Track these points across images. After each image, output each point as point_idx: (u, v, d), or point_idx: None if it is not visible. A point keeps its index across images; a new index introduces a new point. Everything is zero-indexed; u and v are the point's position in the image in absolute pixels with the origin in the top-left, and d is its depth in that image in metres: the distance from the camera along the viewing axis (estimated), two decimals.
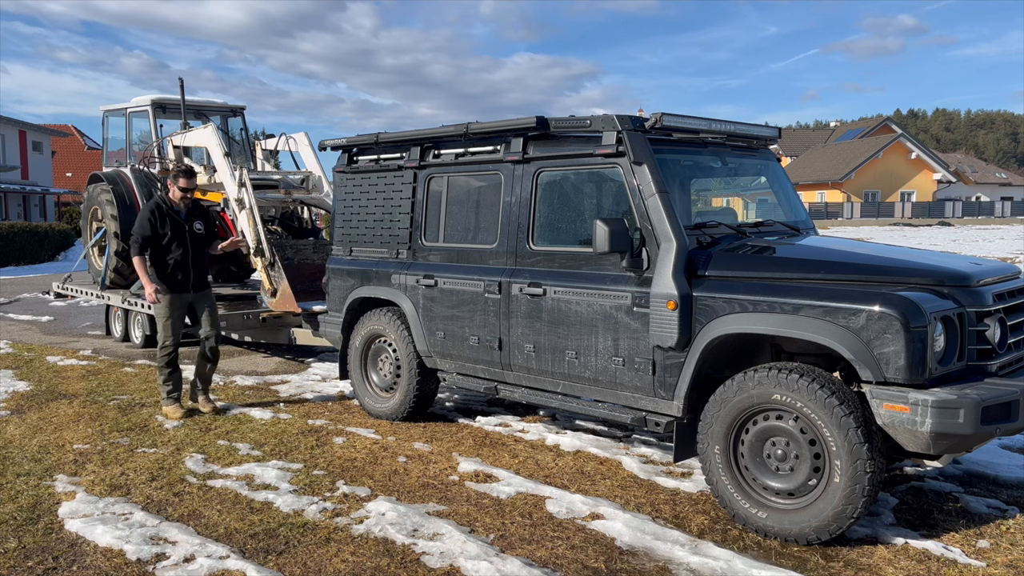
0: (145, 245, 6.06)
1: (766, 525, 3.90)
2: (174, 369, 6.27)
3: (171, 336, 6.18)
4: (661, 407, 4.40)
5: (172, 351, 6.21)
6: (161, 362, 6.22)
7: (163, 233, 6.05)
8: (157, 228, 6.04)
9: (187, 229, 6.16)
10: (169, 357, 6.22)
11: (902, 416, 3.51)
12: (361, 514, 4.26)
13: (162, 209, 6.10)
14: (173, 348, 6.21)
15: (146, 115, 10.27)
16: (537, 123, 4.89)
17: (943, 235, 33.25)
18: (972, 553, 3.77)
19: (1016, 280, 4.24)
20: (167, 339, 6.18)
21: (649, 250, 4.36)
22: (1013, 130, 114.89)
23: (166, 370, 6.24)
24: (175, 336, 6.21)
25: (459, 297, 5.40)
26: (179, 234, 6.10)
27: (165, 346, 6.20)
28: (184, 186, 6.16)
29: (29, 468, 5.08)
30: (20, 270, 23.31)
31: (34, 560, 3.77)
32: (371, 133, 6.18)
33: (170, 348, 6.19)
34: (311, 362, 8.65)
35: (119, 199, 9.99)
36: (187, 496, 4.56)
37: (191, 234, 6.18)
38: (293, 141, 9.73)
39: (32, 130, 38.15)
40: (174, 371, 6.27)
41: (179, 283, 6.14)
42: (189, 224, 6.19)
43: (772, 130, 5.44)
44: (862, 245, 4.77)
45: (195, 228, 6.23)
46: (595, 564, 3.69)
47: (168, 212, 6.11)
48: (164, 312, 6.14)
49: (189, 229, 6.17)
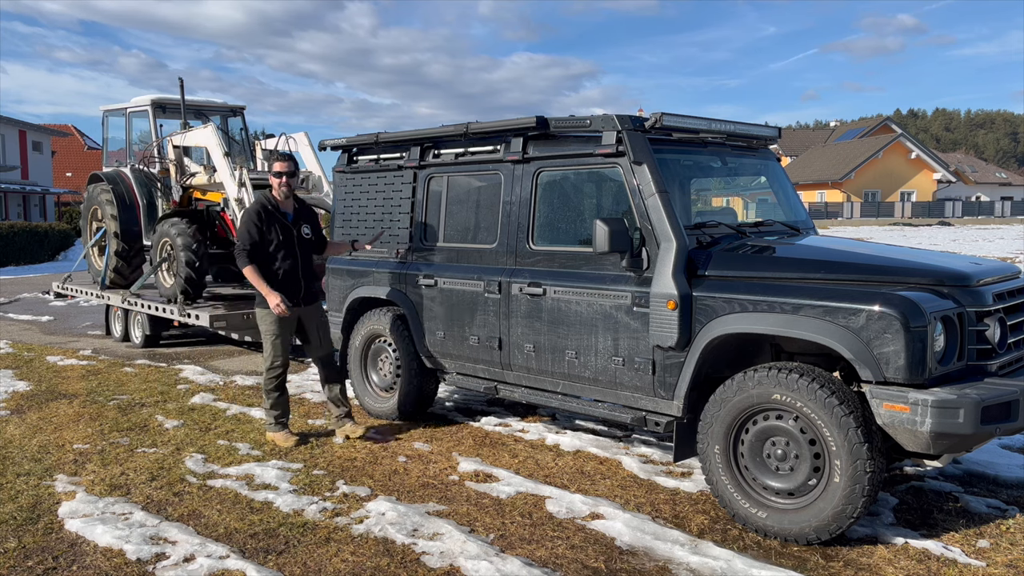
0: (253, 253, 5.29)
1: (766, 525, 3.90)
2: (282, 392, 5.55)
3: (280, 356, 5.44)
4: (661, 407, 4.39)
5: (281, 372, 5.47)
6: (268, 384, 5.48)
7: (269, 239, 5.29)
8: (263, 233, 5.29)
9: (295, 234, 5.40)
10: (278, 380, 5.48)
11: (902, 416, 3.51)
12: (361, 514, 4.26)
13: (268, 210, 5.33)
14: (282, 369, 5.48)
15: (146, 115, 10.28)
16: (537, 123, 4.89)
17: (943, 235, 33.24)
18: (972, 553, 3.77)
19: (1016, 280, 4.23)
20: (276, 358, 5.43)
21: (649, 250, 4.36)
22: (1013, 130, 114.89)
23: (274, 394, 5.51)
24: (285, 356, 5.46)
25: (459, 297, 5.39)
26: (287, 240, 5.35)
27: (274, 367, 5.44)
28: (280, 170, 5.33)
29: (29, 468, 5.08)
30: (20, 270, 23.31)
31: (34, 560, 3.77)
32: (371, 133, 6.18)
33: (279, 369, 5.45)
34: (311, 362, 8.64)
35: (119, 199, 10.00)
36: (187, 496, 4.56)
37: (299, 240, 5.42)
38: (293, 141, 9.72)
39: (32, 130, 38.14)
40: (282, 394, 5.55)
41: (288, 297, 5.35)
42: (297, 228, 5.42)
43: (772, 130, 5.44)
44: (862, 245, 4.77)
45: (303, 233, 5.45)
46: (595, 564, 3.69)
47: (274, 214, 5.34)
48: (273, 328, 5.38)
49: (297, 234, 5.41)
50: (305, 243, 5.46)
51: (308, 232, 5.49)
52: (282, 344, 5.43)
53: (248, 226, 5.28)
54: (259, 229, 5.28)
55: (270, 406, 5.53)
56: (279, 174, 5.34)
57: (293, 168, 5.41)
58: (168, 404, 6.69)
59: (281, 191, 5.35)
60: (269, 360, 5.45)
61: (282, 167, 5.36)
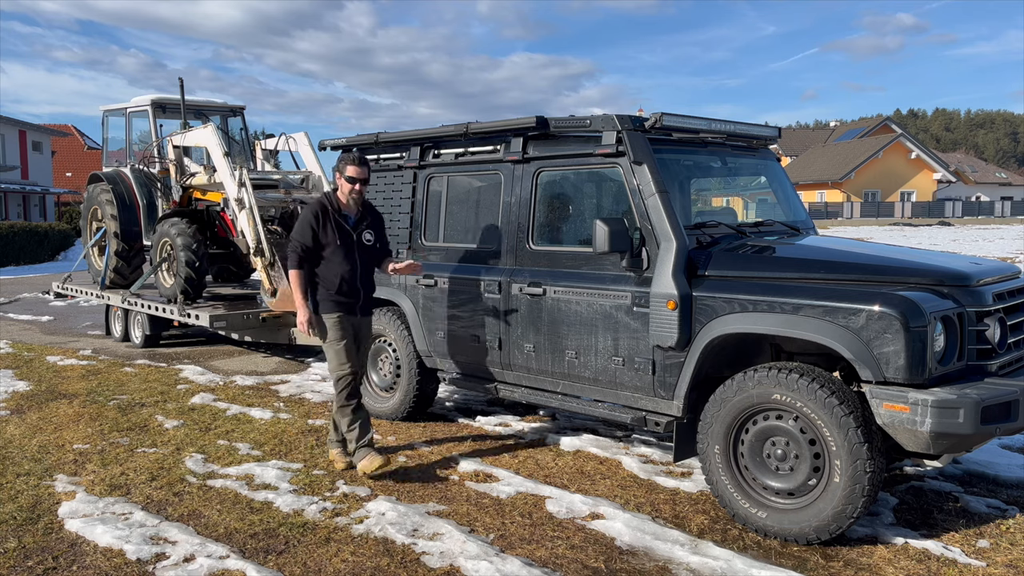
0: (305, 257, 4.85)
1: (766, 525, 3.90)
2: (358, 401, 4.92)
3: (347, 360, 4.86)
4: (661, 407, 4.39)
5: (352, 378, 4.89)
6: (341, 395, 4.89)
7: (325, 243, 4.83)
8: (319, 236, 4.84)
9: (355, 239, 4.90)
10: (351, 387, 4.89)
11: (902, 416, 3.51)
12: (361, 514, 4.27)
13: (327, 212, 4.86)
14: (352, 375, 4.88)
15: (146, 115, 10.28)
16: (537, 123, 4.89)
17: (943, 235, 33.24)
18: (972, 553, 3.77)
19: (1016, 280, 4.24)
20: (343, 364, 4.86)
21: (649, 250, 4.36)
22: (1013, 130, 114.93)
23: (349, 405, 4.88)
24: (353, 360, 4.89)
25: (459, 297, 5.40)
26: (346, 244, 4.86)
27: (343, 375, 4.87)
28: (355, 176, 4.81)
29: (29, 468, 5.08)
30: (20, 270, 23.31)
31: (34, 560, 3.77)
32: (371, 133, 6.18)
33: (349, 376, 4.87)
34: (311, 362, 8.65)
35: (119, 199, 10.00)
36: (187, 496, 4.56)
37: (360, 245, 4.92)
38: (293, 141, 9.72)
39: (32, 130, 38.15)
40: (359, 405, 4.92)
41: (347, 305, 4.89)
42: (359, 233, 4.92)
43: (772, 130, 5.44)
44: (862, 245, 4.77)
45: (364, 239, 4.94)
46: (595, 564, 3.69)
47: (334, 216, 4.86)
48: (336, 334, 4.88)
49: (358, 239, 4.91)
50: (367, 249, 4.96)
51: (370, 239, 4.98)
52: (346, 349, 4.87)
53: (303, 227, 4.85)
54: (314, 232, 4.82)
55: (348, 425, 4.88)
56: (353, 180, 4.82)
57: (368, 175, 4.91)
58: (168, 404, 6.69)
59: (352, 198, 4.87)
60: (336, 370, 4.88)
61: (356, 173, 4.82)
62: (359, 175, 4.83)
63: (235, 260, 10.58)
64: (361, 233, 4.94)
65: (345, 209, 4.92)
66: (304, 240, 4.83)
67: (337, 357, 4.89)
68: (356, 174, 4.82)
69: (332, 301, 4.87)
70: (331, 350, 4.92)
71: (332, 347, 4.90)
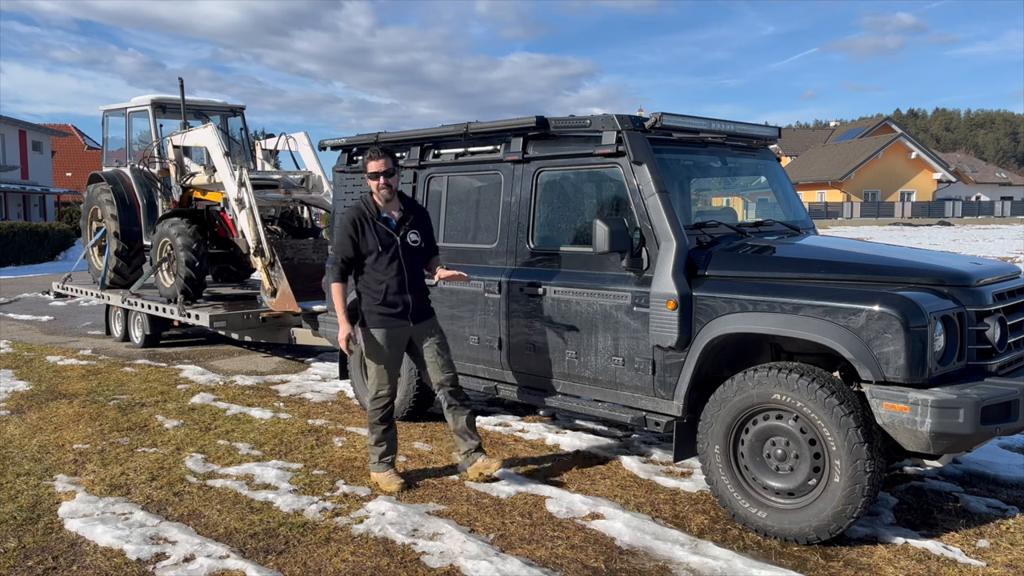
0: (347, 269, 4.62)
1: (766, 525, 3.90)
2: (389, 426, 4.73)
3: (387, 384, 4.66)
4: (661, 407, 4.39)
5: (387, 402, 4.69)
6: (373, 416, 4.71)
7: (367, 251, 4.56)
8: (359, 245, 4.57)
9: (399, 242, 4.57)
10: (384, 410, 4.69)
11: (902, 416, 3.51)
12: (361, 514, 4.27)
13: (365, 217, 4.56)
14: (388, 399, 4.69)
15: (146, 115, 10.29)
16: (537, 123, 4.89)
17: (943, 235, 33.24)
18: (972, 553, 3.77)
19: (1016, 280, 4.23)
20: (380, 387, 4.66)
21: (649, 250, 4.36)
22: (1013, 130, 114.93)
23: (379, 427, 4.71)
24: (391, 384, 4.68)
25: (459, 297, 5.39)
26: (390, 250, 4.55)
27: (379, 396, 4.67)
28: (376, 170, 4.49)
29: (29, 468, 5.08)
30: (20, 270, 23.31)
31: (34, 560, 3.77)
32: (371, 133, 6.18)
33: (385, 399, 4.68)
34: (311, 362, 8.65)
35: (119, 199, 10.01)
36: (187, 496, 4.56)
37: (405, 248, 4.59)
38: (293, 141, 9.74)
39: (32, 130, 38.15)
40: (388, 428, 4.73)
41: (395, 315, 4.59)
42: (402, 235, 4.59)
43: (772, 130, 5.44)
44: (862, 245, 4.77)
45: (410, 241, 4.61)
46: (595, 564, 3.69)
47: (373, 221, 4.57)
48: (378, 353, 4.64)
49: (402, 242, 4.58)
50: (413, 252, 4.62)
51: (416, 239, 4.63)
52: (387, 371, 4.65)
53: (341, 237, 4.58)
54: (354, 241, 4.55)
55: (375, 441, 4.72)
56: (375, 175, 4.50)
57: (391, 166, 4.54)
58: (168, 404, 6.69)
59: (381, 194, 4.54)
60: (373, 389, 4.69)
61: (377, 166, 4.49)
62: (380, 168, 4.49)
63: (235, 260, 10.59)
64: (405, 235, 4.60)
65: (384, 210, 4.59)
66: (344, 252, 4.57)
67: (376, 377, 4.67)
68: (376, 168, 4.49)
69: (378, 314, 4.59)
70: (371, 368, 4.70)
71: (372, 365, 4.69)
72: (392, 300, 4.56)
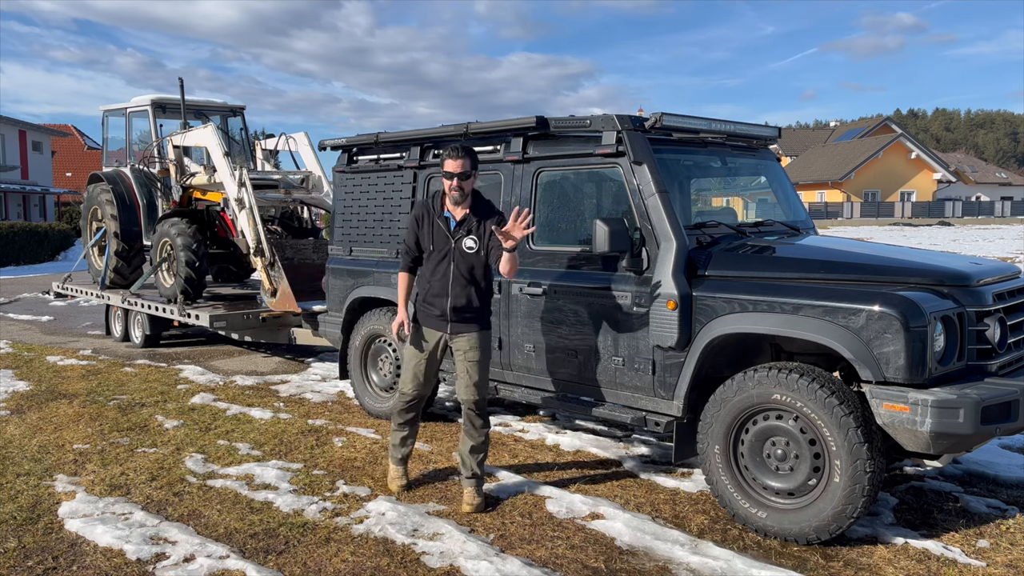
0: (410, 260, 4.55)
1: (766, 525, 3.90)
2: (411, 420, 4.65)
3: (410, 381, 4.52)
4: (661, 407, 4.39)
5: (411, 400, 4.58)
6: (397, 407, 4.65)
7: (425, 246, 4.44)
8: (420, 239, 4.46)
9: (453, 245, 4.35)
10: (407, 405, 4.61)
11: (902, 416, 3.51)
12: (361, 514, 4.27)
13: (430, 212, 4.42)
14: (412, 399, 4.57)
15: (146, 115, 10.29)
16: (537, 123, 4.89)
17: (943, 235, 33.25)
18: (972, 553, 3.77)
19: (1016, 280, 4.24)
20: (405, 383, 4.55)
21: (649, 250, 4.36)
22: (1013, 130, 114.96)
23: (403, 415, 4.64)
24: (416, 384, 4.52)
25: None
26: (442, 250, 4.37)
27: (403, 392, 4.59)
28: (452, 170, 4.23)
29: (29, 468, 5.08)
30: (20, 270, 23.31)
31: (34, 560, 3.77)
32: (371, 133, 6.18)
33: (408, 396, 4.57)
34: (311, 362, 8.65)
35: (119, 199, 10.01)
36: (187, 496, 4.56)
37: (458, 252, 4.34)
38: (293, 141, 9.74)
39: (32, 130, 38.15)
40: (408, 422, 4.66)
41: (433, 316, 4.42)
42: (458, 238, 4.35)
43: (772, 130, 5.44)
44: (862, 245, 4.77)
45: (465, 246, 4.33)
46: (595, 564, 3.69)
47: (434, 219, 4.40)
48: (410, 349, 4.53)
49: (456, 245, 4.35)
50: (466, 257, 4.34)
51: (473, 246, 4.33)
52: (414, 371, 4.51)
53: (408, 228, 4.54)
54: (415, 235, 4.47)
55: (396, 425, 4.70)
56: (450, 175, 4.24)
57: (468, 169, 4.26)
58: (168, 404, 6.69)
59: (452, 196, 4.30)
60: (401, 384, 4.63)
61: (453, 166, 4.23)
62: (455, 169, 4.22)
63: (235, 260, 10.60)
64: (461, 240, 4.34)
65: (449, 210, 4.38)
66: (408, 242, 4.51)
67: (405, 373, 4.57)
68: (452, 168, 4.23)
69: (419, 309, 4.51)
70: (403, 365, 4.61)
71: (403, 362, 4.60)
72: (433, 301, 4.43)
